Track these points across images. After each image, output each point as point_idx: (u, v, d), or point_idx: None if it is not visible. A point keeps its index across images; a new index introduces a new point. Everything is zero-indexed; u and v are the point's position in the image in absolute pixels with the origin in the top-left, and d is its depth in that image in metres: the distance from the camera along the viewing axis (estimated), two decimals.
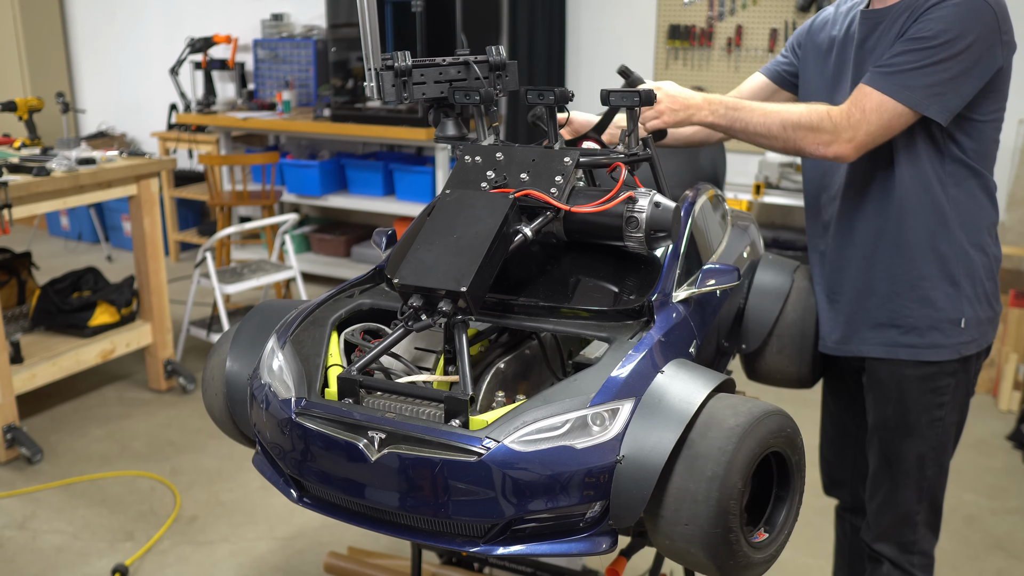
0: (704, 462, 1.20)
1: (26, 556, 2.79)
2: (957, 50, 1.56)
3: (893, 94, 1.59)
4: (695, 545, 1.22)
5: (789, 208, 4.90)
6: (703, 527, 1.20)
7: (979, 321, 1.75)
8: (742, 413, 1.25)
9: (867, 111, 1.60)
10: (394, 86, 1.52)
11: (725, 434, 1.22)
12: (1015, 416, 3.74)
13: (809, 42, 1.89)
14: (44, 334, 3.77)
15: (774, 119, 1.65)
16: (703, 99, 1.67)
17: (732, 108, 1.67)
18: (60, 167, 3.39)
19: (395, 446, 1.24)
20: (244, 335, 1.56)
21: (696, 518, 1.20)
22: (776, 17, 4.84)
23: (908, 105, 1.59)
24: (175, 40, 6.04)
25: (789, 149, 1.68)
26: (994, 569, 2.76)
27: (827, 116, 1.62)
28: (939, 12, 1.56)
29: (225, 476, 3.25)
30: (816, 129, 1.62)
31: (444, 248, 1.36)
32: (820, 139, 1.62)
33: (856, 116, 1.61)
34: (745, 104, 1.68)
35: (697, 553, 1.23)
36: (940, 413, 1.79)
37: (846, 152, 1.63)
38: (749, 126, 1.67)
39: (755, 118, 1.66)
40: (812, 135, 1.63)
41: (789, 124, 1.64)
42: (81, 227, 6.48)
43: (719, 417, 1.24)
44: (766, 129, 1.66)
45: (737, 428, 1.22)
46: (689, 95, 1.66)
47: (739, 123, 1.67)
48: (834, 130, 1.61)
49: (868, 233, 1.77)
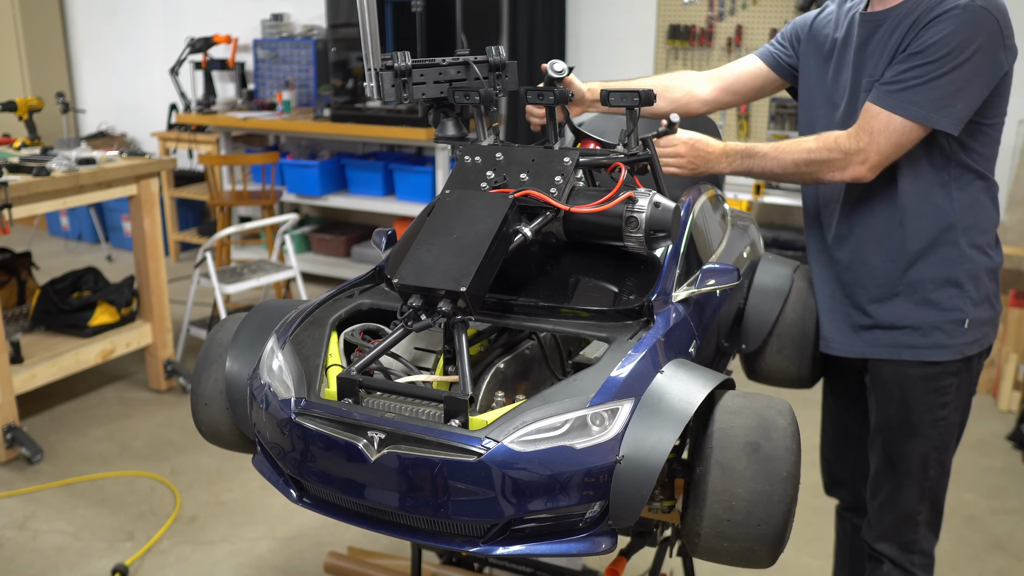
0: (778, 464, 1.23)
1: (26, 556, 2.79)
2: (961, 60, 1.56)
3: (900, 111, 1.60)
4: (762, 543, 1.23)
5: (789, 208, 4.90)
6: (777, 525, 1.22)
7: (982, 322, 1.75)
8: (785, 412, 1.29)
9: (875, 132, 1.62)
10: (394, 86, 1.52)
11: (785, 434, 1.25)
12: (1015, 416, 3.74)
13: (810, 40, 1.88)
14: (44, 334, 3.77)
15: (787, 160, 1.71)
16: (721, 151, 1.73)
17: (747, 156, 1.74)
18: (60, 167, 3.39)
19: (395, 446, 1.24)
20: (244, 335, 1.56)
21: (772, 517, 1.22)
22: (776, 17, 4.84)
23: (916, 121, 1.60)
24: (175, 40, 6.04)
25: (808, 182, 1.75)
26: (994, 569, 2.76)
27: (835, 145, 1.66)
28: (941, 24, 1.56)
29: (225, 476, 3.25)
30: (827, 161, 1.67)
31: (444, 248, 1.36)
32: (834, 168, 1.67)
33: (864, 139, 1.63)
34: (758, 150, 1.73)
35: (761, 549, 1.24)
36: (943, 413, 1.79)
37: (862, 174, 1.66)
38: (766, 171, 1.74)
39: (769, 163, 1.73)
40: (825, 167, 1.68)
41: (802, 162, 1.70)
42: (81, 227, 6.48)
43: (771, 418, 1.27)
44: (782, 170, 1.73)
45: (790, 427, 1.27)
46: (709, 148, 1.71)
47: (756, 169, 1.75)
48: (845, 157, 1.65)
49: (871, 235, 1.77)
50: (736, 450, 1.24)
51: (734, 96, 2.00)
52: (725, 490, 1.23)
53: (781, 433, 1.25)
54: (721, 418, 1.29)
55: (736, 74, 1.99)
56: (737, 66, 2.01)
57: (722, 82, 1.99)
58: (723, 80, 1.99)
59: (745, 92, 2.00)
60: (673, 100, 1.96)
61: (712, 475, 1.24)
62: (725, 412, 1.29)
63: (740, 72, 1.99)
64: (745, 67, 2.00)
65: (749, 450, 1.24)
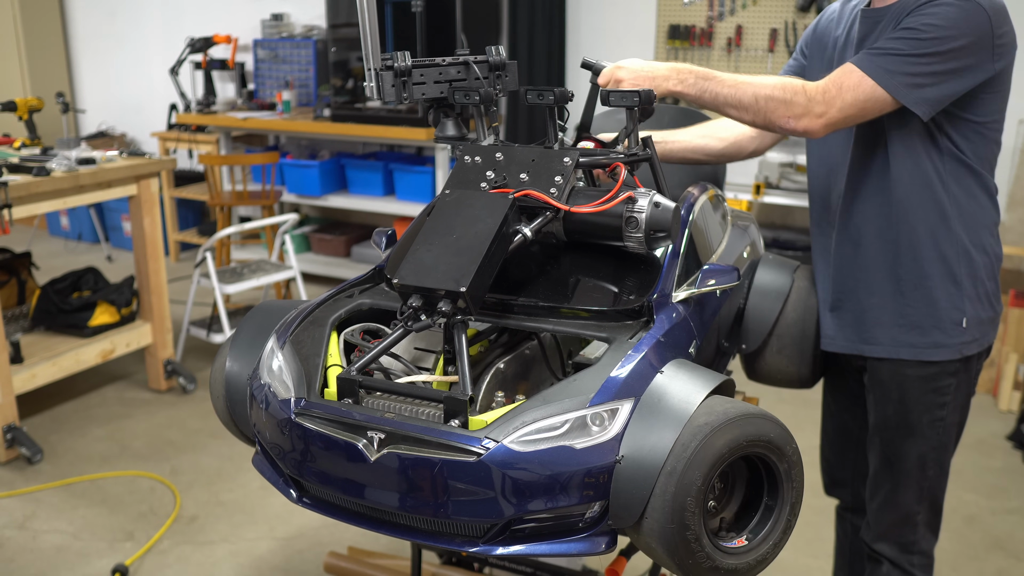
0: (668, 458, 1.20)
1: (26, 556, 2.79)
2: (945, 49, 1.55)
3: (874, 75, 1.57)
4: (654, 539, 1.22)
5: (789, 208, 4.90)
6: (660, 521, 1.20)
7: (980, 321, 1.75)
8: (716, 413, 1.24)
9: (844, 88, 1.58)
10: (394, 86, 1.52)
11: (691, 431, 1.21)
12: (1015, 416, 3.74)
13: (815, 41, 1.88)
14: (44, 334, 3.77)
15: (745, 90, 1.60)
16: (669, 68, 1.62)
17: (702, 77, 1.61)
18: (60, 167, 3.39)
19: (394, 446, 1.24)
20: (244, 335, 1.56)
21: (654, 511, 1.20)
22: (776, 17, 4.84)
23: (886, 89, 1.57)
24: (175, 40, 6.04)
25: (758, 121, 1.64)
26: (994, 569, 2.76)
27: (801, 90, 1.59)
28: (935, 8, 1.56)
29: (225, 476, 3.25)
30: (788, 102, 1.59)
31: (444, 248, 1.36)
32: (791, 112, 1.59)
33: (832, 92, 1.59)
34: (716, 74, 1.63)
35: (657, 548, 1.23)
36: (942, 413, 1.79)
37: (815, 127, 1.60)
38: (719, 96, 1.61)
39: (725, 89, 1.61)
40: (783, 107, 1.59)
41: (761, 96, 1.59)
42: (81, 227, 6.48)
43: (694, 416, 1.23)
44: (736, 100, 1.61)
45: (705, 427, 1.21)
46: (653, 66, 1.62)
47: (708, 93, 1.61)
48: (807, 104, 1.58)
49: (870, 233, 1.77)
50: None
51: None
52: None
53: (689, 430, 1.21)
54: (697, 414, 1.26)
55: None
56: None
57: None
58: None
59: None
60: (723, 139, 1.93)
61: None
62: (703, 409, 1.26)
63: None
64: None
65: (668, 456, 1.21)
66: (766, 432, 1.25)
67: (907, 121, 1.65)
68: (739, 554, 1.28)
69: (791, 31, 4.81)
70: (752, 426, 1.24)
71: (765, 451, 1.26)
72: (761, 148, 1.96)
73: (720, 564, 1.24)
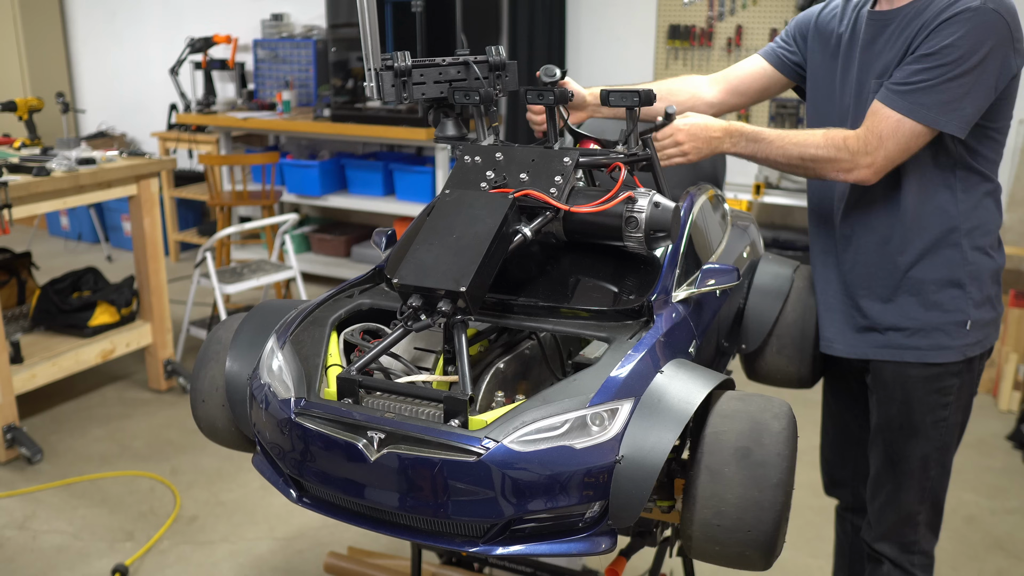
0: (768, 470, 1.22)
1: (26, 556, 2.79)
2: (972, 64, 1.55)
3: (909, 114, 1.59)
4: (754, 548, 1.23)
5: (789, 208, 4.90)
6: (767, 531, 1.21)
7: (983, 323, 1.75)
8: (780, 416, 1.27)
9: (884, 136, 1.61)
10: (394, 86, 1.52)
11: (777, 439, 1.24)
12: (1015, 416, 3.74)
13: (816, 36, 1.87)
14: (44, 334, 3.77)
15: (793, 152, 1.69)
16: (723, 131, 1.70)
17: (752, 140, 1.71)
18: (60, 167, 3.39)
19: (394, 446, 1.24)
20: (244, 335, 1.56)
21: (761, 523, 1.21)
22: (776, 17, 4.84)
23: (925, 124, 1.59)
24: (175, 40, 6.04)
25: (810, 176, 1.74)
26: (994, 569, 2.76)
27: (844, 145, 1.64)
28: (951, 28, 1.55)
29: (225, 476, 3.25)
30: (834, 160, 1.66)
31: (444, 248, 1.36)
32: (840, 167, 1.66)
33: (873, 143, 1.62)
34: (765, 135, 1.71)
35: (753, 554, 1.24)
36: (945, 414, 1.79)
37: (867, 177, 1.65)
38: (770, 158, 1.72)
39: (774, 151, 1.71)
40: (832, 164, 1.67)
41: (807, 156, 1.68)
42: (81, 227, 6.48)
43: (764, 422, 1.26)
44: (786, 160, 1.71)
45: (784, 431, 1.25)
46: (710, 128, 1.69)
47: (760, 154, 1.72)
48: (852, 159, 1.64)
49: (874, 236, 1.76)
50: (726, 455, 1.24)
51: (740, 98, 1.99)
52: (714, 495, 1.23)
53: (774, 438, 1.24)
54: (714, 422, 1.28)
55: (741, 75, 1.98)
56: (741, 67, 1.99)
57: (727, 84, 1.98)
58: (728, 82, 1.98)
59: (751, 93, 1.98)
60: (678, 104, 1.95)
61: (701, 480, 1.24)
62: (719, 416, 1.29)
63: (745, 73, 1.98)
64: (750, 68, 1.98)
65: (739, 455, 1.23)
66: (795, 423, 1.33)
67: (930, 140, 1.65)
68: None
69: None
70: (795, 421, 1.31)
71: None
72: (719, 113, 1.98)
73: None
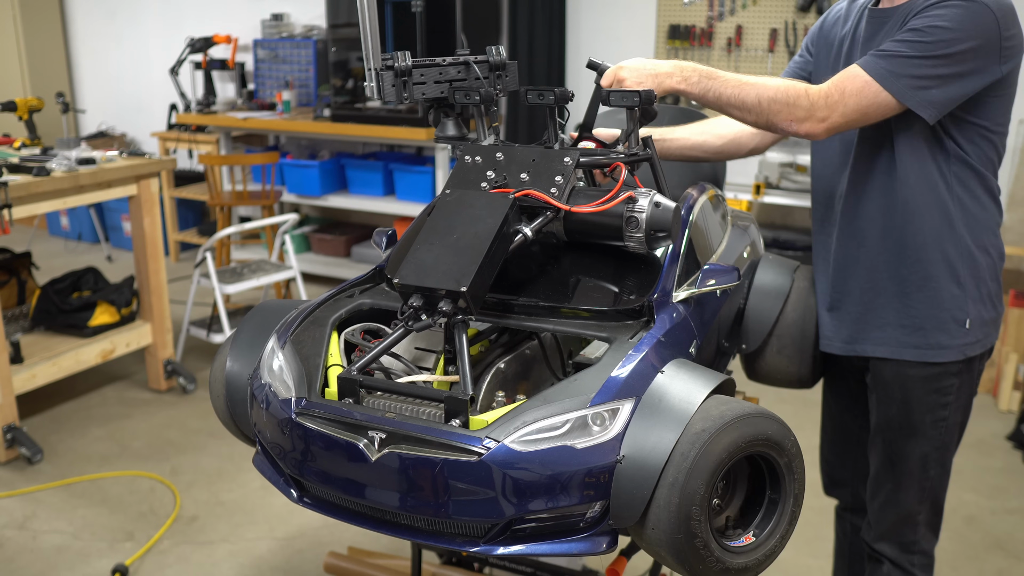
0: (667, 467, 1.20)
1: (26, 556, 2.79)
2: (952, 51, 1.54)
3: (878, 78, 1.57)
4: (663, 549, 1.23)
5: (789, 208, 4.90)
6: (667, 531, 1.20)
7: (983, 322, 1.75)
8: (712, 418, 1.23)
9: (847, 92, 1.58)
10: (394, 86, 1.52)
11: (690, 439, 1.21)
12: (1015, 416, 3.75)
13: (821, 39, 1.87)
14: (44, 334, 3.77)
15: (749, 91, 1.60)
16: (673, 66, 1.62)
17: (706, 76, 1.61)
18: (60, 167, 3.39)
19: (395, 446, 1.24)
20: (244, 335, 1.56)
21: (660, 523, 1.20)
22: (776, 17, 4.84)
23: (890, 91, 1.57)
24: (175, 40, 6.04)
25: (761, 123, 1.64)
26: (994, 569, 2.76)
27: (804, 93, 1.59)
28: (942, 10, 1.54)
29: (225, 476, 3.25)
30: (791, 104, 1.59)
31: (444, 248, 1.36)
32: (794, 115, 1.59)
33: (835, 96, 1.58)
34: (720, 74, 1.63)
35: (667, 557, 1.24)
36: (944, 413, 1.79)
37: (817, 131, 1.60)
38: (722, 96, 1.62)
39: (728, 89, 1.61)
40: (786, 110, 1.59)
41: (764, 97, 1.60)
42: (81, 227, 6.48)
43: (691, 423, 1.23)
44: (739, 101, 1.61)
45: (703, 433, 1.21)
46: (656, 63, 1.62)
47: (712, 92, 1.62)
48: (810, 107, 1.59)
49: (873, 233, 1.76)
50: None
51: None
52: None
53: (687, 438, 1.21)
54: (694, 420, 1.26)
55: None
56: None
57: None
58: None
59: None
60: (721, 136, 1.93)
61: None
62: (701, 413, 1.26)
63: None
64: None
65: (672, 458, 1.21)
66: (764, 430, 1.26)
67: (913, 123, 1.64)
68: (748, 552, 1.28)
69: (791, 31, 4.81)
70: (749, 426, 1.24)
71: (765, 448, 1.27)
72: (760, 147, 1.95)
73: (730, 565, 1.25)
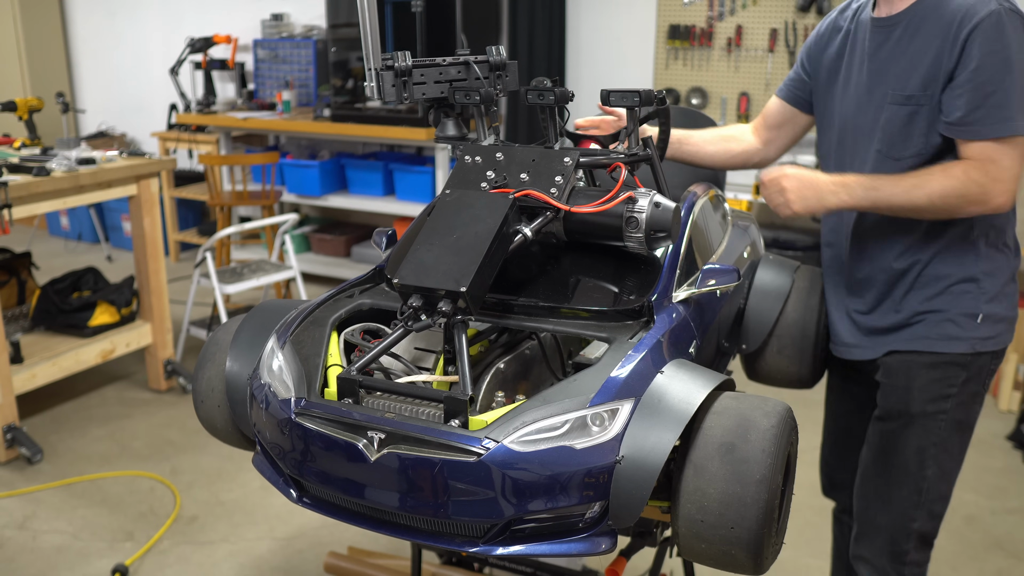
0: (751, 466, 1.21)
1: (26, 556, 2.79)
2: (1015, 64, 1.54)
3: (1002, 132, 1.57)
4: (739, 547, 1.22)
5: None
6: (751, 529, 1.20)
7: (996, 319, 1.74)
8: (771, 414, 1.26)
9: (998, 161, 1.58)
10: (394, 86, 1.52)
11: (764, 436, 1.23)
12: (1015, 416, 3.75)
13: (817, 55, 1.87)
14: (44, 334, 3.77)
15: (918, 195, 1.62)
16: (831, 181, 1.66)
17: (870, 188, 1.65)
18: (60, 167, 3.39)
19: (395, 446, 1.24)
20: (244, 335, 1.56)
21: (744, 520, 1.20)
22: (776, 17, 4.84)
23: (1017, 132, 1.57)
24: (175, 40, 6.05)
25: (943, 218, 1.68)
26: (994, 569, 2.76)
27: (967, 178, 1.59)
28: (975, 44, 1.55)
29: (225, 476, 3.25)
30: (964, 195, 1.60)
31: (444, 248, 1.36)
32: (973, 201, 1.61)
33: (992, 171, 1.58)
34: (882, 182, 1.65)
35: (739, 554, 1.23)
36: (945, 405, 1.76)
37: (1006, 203, 1.61)
38: (893, 206, 1.65)
39: (897, 198, 1.64)
40: (963, 200, 1.61)
41: (936, 196, 1.61)
42: (81, 227, 6.48)
43: (753, 419, 1.25)
44: (913, 206, 1.64)
45: (772, 429, 1.24)
46: (815, 177, 1.66)
47: (881, 203, 1.66)
48: (981, 190, 1.59)
49: (889, 233, 1.76)
50: (710, 450, 1.23)
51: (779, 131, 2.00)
52: (697, 490, 1.22)
53: (760, 435, 1.23)
54: (704, 419, 1.28)
55: (769, 114, 2.00)
56: (768, 107, 2.01)
57: (764, 121, 2.00)
58: (765, 121, 2.00)
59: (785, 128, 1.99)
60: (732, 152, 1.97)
61: (686, 475, 1.24)
62: (711, 413, 1.28)
63: (771, 112, 2.00)
64: (772, 107, 2.00)
65: (723, 451, 1.22)
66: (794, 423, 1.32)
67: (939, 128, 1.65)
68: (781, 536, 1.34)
69: (791, 31, 4.81)
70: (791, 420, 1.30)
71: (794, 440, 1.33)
72: (766, 161, 1.99)
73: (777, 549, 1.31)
